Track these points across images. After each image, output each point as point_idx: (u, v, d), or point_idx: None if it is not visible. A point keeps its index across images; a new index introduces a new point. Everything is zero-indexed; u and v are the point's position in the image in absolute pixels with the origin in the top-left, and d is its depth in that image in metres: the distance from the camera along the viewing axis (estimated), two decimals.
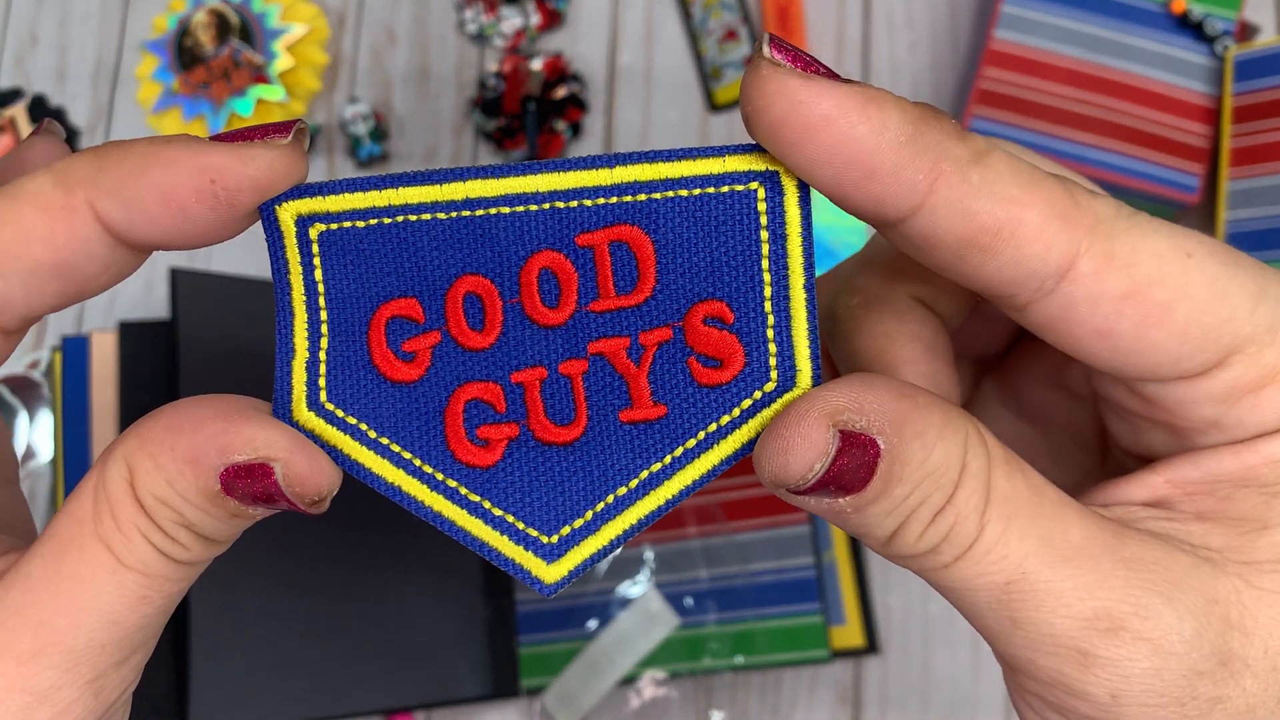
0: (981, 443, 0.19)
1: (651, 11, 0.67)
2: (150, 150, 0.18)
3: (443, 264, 0.19)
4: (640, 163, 0.19)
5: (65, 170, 0.18)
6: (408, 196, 0.19)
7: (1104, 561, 0.19)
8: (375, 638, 0.54)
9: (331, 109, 0.67)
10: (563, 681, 0.56)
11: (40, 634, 0.18)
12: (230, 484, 0.18)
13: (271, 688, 0.52)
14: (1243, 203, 0.55)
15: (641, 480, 0.19)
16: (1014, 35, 0.59)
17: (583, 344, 0.19)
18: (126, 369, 0.56)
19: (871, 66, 0.65)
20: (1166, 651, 0.18)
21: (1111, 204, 0.19)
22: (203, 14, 0.67)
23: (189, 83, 0.66)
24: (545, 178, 0.19)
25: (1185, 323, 0.18)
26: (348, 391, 0.19)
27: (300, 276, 0.19)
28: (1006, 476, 0.19)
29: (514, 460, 0.19)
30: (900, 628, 0.57)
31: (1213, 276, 0.18)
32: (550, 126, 0.64)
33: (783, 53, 0.18)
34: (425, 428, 0.19)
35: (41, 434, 0.63)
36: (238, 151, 0.18)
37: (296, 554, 0.53)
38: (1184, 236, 0.19)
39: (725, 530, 0.57)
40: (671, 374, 0.19)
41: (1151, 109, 0.58)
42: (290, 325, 0.20)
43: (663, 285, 0.19)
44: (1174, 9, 0.58)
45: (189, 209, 0.18)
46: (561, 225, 0.19)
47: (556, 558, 0.19)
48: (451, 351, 0.19)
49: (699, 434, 0.19)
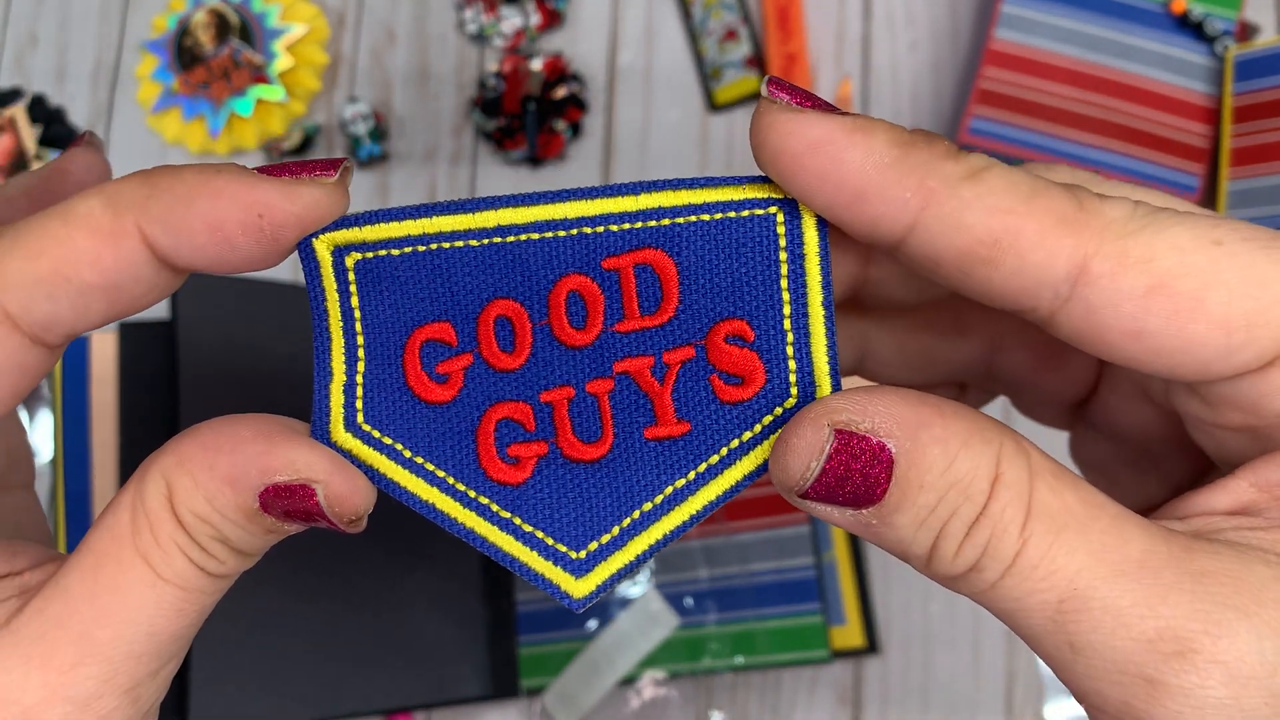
0: (1021, 454, 0.18)
1: (651, 11, 0.67)
2: (200, 180, 0.19)
3: (475, 289, 0.20)
4: (664, 190, 0.20)
5: (116, 194, 0.19)
6: (441, 225, 0.20)
7: (1167, 574, 0.17)
8: (375, 638, 0.54)
9: (331, 109, 0.67)
10: (563, 681, 0.56)
11: (81, 645, 0.19)
12: (269, 502, 0.19)
13: (271, 688, 0.52)
14: (1243, 203, 0.55)
15: (666, 496, 0.20)
16: (1014, 35, 0.59)
17: (609, 364, 0.20)
18: (126, 369, 0.56)
19: (871, 66, 0.65)
20: (1245, 676, 0.17)
21: (1125, 206, 0.18)
22: (202, 14, 0.67)
23: (189, 83, 0.66)
24: (573, 205, 0.20)
25: (1224, 311, 0.18)
26: (384, 413, 0.20)
27: (337, 304, 0.20)
28: (1052, 490, 0.18)
29: (543, 477, 0.20)
30: (900, 628, 0.57)
31: (1248, 261, 0.18)
32: (550, 126, 0.64)
33: (780, 90, 0.19)
34: (458, 446, 0.20)
35: (41, 434, 0.63)
36: (286, 188, 0.19)
37: (297, 554, 0.53)
38: (1212, 226, 0.18)
39: (725, 530, 0.57)
40: (694, 391, 0.20)
41: (1151, 109, 0.58)
42: (328, 350, 0.20)
43: (685, 305, 0.20)
44: (1174, 9, 0.58)
45: (235, 240, 0.19)
46: (588, 250, 0.20)
47: (585, 573, 0.20)
48: (483, 373, 0.20)
49: (722, 450, 0.20)
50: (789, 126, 0.18)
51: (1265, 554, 0.18)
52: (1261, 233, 0.18)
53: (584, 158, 0.65)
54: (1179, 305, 0.18)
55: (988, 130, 0.58)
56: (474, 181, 0.65)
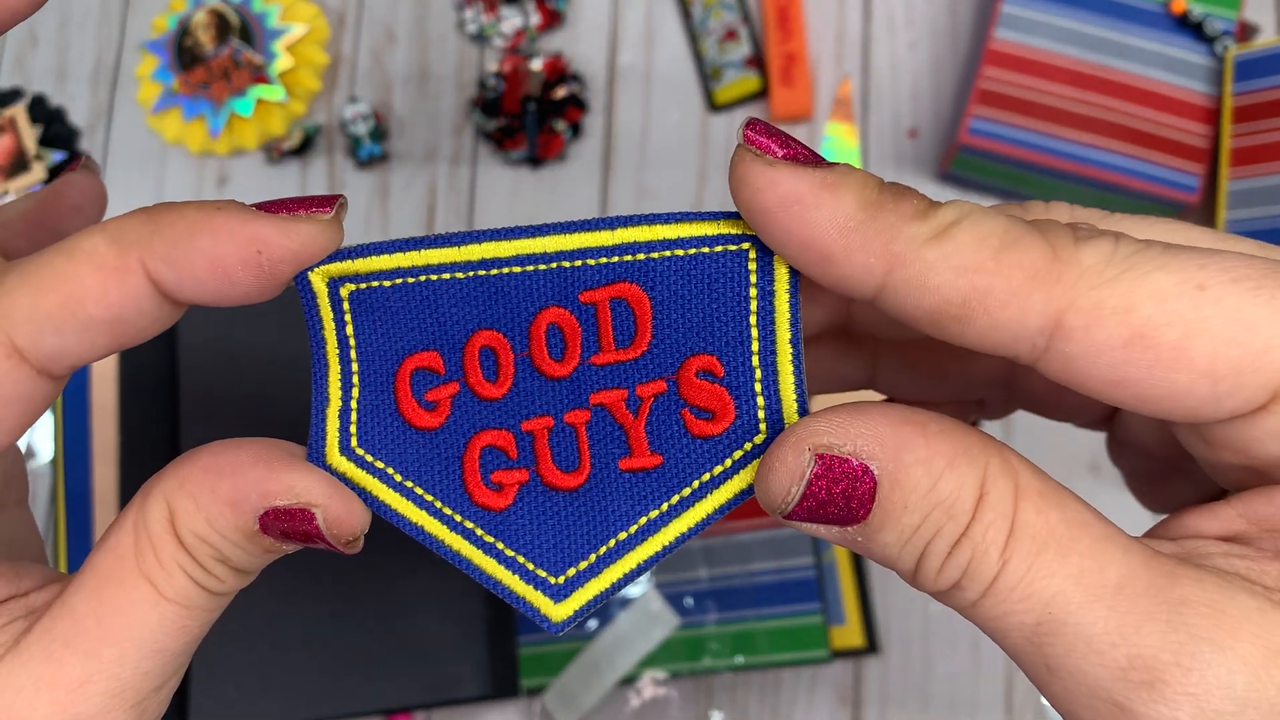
0: (1008, 473, 0.18)
1: (651, 11, 0.67)
2: (201, 217, 0.19)
3: (461, 319, 0.21)
4: (640, 225, 0.20)
5: (120, 231, 0.19)
6: (429, 258, 0.20)
7: (1144, 602, 0.17)
8: (375, 638, 0.54)
9: (331, 109, 0.67)
10: (563, 681, 0.56)
11: (88, 663, 0.20)
12: (269, 524, 0.20)
13: (271, 688, 0.52)
14: (1243, 203, 0.55)
15: (640, 526, 0.20)
16: (1014, 35, 0.59)
17: (585, 395, 0.21)
18: (126, 369, 0.56)
19: (871, 66, 0.65)
20: (1214, 710, 0.17)
21: (1104, 249, 0.18)
22: (203, 14, 0.67)
23: (189, 83, 0.66)
24: (553, 239, 0.20)
25: (1209, 361, 0.17)
26: (377, 437, 0.21)
27: (334, 332, 0.21)
28: (1037, 509, 0.18)
29: (524, 504, 0.21)
30: (900, 628, 0.57)
31: (1234, 305, 0.17)
32: (550, 126, 0.64)
33: (757, 134, 0.19)
34: (446, 472, 0.21)
35: (41, 434, 0.63)
36: (283, 225, 0.20)
37: (298, 555, 0.53)
38: (1198, 267, 0.17)
39: (725, 530, 0.57)
40: (667, 425, 0.20)
41: (1151, 109, 0.58)
42: (325, 376, 0.21)
43: (658, 339, 0.20)
44: (1174, 9, 0.58)
45: (234, 275, 0.19)
46: (567, 283, 0.20)
47: (563, 597, 0.20)
48: (469, 401, 0.21)
49: (694, 483, 0.20)
50: (759, 182, 0.19)
51: (1250, 585, 0.18)
52: (1252, 270, 0.18)
53: (584, 158, 0.65)
54: (1160, 356, 0.17)
55: (988, 130, 0.58)
56: (474, 181, 0.65)
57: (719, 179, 0.64)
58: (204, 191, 0.67)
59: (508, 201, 0.65)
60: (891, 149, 0.64)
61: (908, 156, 0.63)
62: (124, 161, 0.68)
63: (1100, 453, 0.58)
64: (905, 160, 0.63)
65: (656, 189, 0.64)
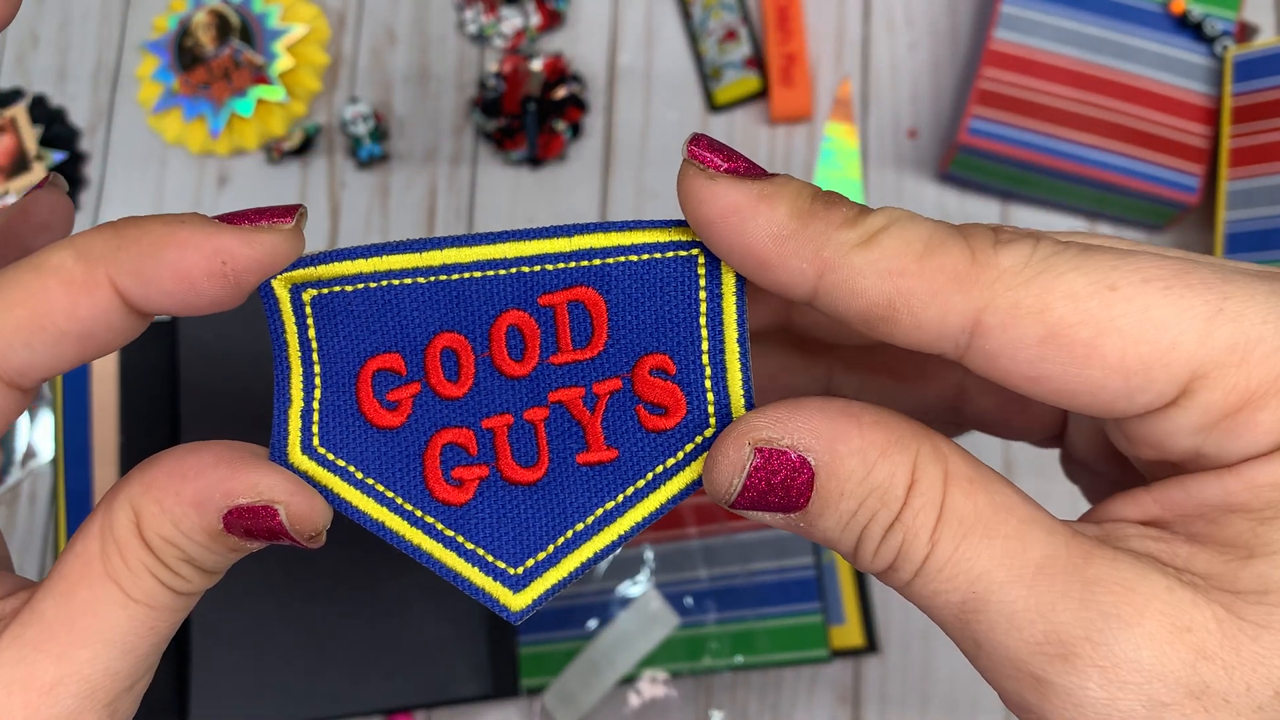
0: (938, 459, 0.19)
1: (651, 12, 0.67)
2: (166, 231, 0.20)
3: (423, 322, 0.21)
4: (596, 232, 0.21)
5: (87, 246, 0.20)
6: (391, 263, 0.21)
7: (1060, 581, 0.18)
8: (375, 638, 0.54)
9: (332, 109, 0.67)
10: (563, 681, 0.56)
11: (60, 666, 0.20)
12: (232, 523, 0.20)
13: (271, 688, 0.53)
14: (1242, 203, 0.55)
15: (597, 517, 0.21)
16: (1014, 35, 0.59)
17: (544, 393, 0.21)
18: (127, 368, 0.57)
19: (871, 66, 0.65)
20: (1120, 680, 0.18)
21: (1023, 250, 0.19)
22: (203, 14, 0.67)
23: (189, 83, 0.67)
24: (513, 246, 0.21)
25: (1120, 358, 0.18)
26: (338, 437, 0.22)
27: (296, 336, 0.21)
28: (965, 494, 0.19)
29: (484, 499, 0.21)
30: (900, 628, 0.57)
31: (1144, 305, 0.18)
32: (550, 126, 0.64)
33: (701, 150, 0.20)
34: (406, 469, 0.21)
35: (42, 434, 0.63)
36: (247, 236, 0.20)
37: (296, 554, 0.53)
38: (1111, 269, 0.18)
39: (725, 530, 0.57)
40: (622, 420, 0.21)
41: (1151, 109, 0.58)
42: (287, 378, 0.22)
43: (614, 340, 0.21)
44: (1173, 9, 0.58)
45: (200, 286, 0.20)
46: (526, 287, 0.21)
47: (522, 587, 0.21)
48: (430, 400, 0.21)
49: (648, 475, 0.21)
50: (702, 195, 0.20)
51: (1162, 565, 0.19)
52: (1163, 270, 0.18)
53: (584, 158, 0.65)
54: (1074, 353, 0.18)
55: (987, 131, 0.58)
56: (474, 181, 0.66)
57: None
58: (205, 191, 0.67)
59: (508, 201, 0.65)
60: (891, 149, 0.64)
61: (907, 157, 0.64)
62: (124, 162, 0.68)
63: None
64: (905, 160, 0.63)
65: (656, 189, 0.64)
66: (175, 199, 0.67)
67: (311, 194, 0.66)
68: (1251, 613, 0.18)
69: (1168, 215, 0.59)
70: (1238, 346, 0.18)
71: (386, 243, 0.21)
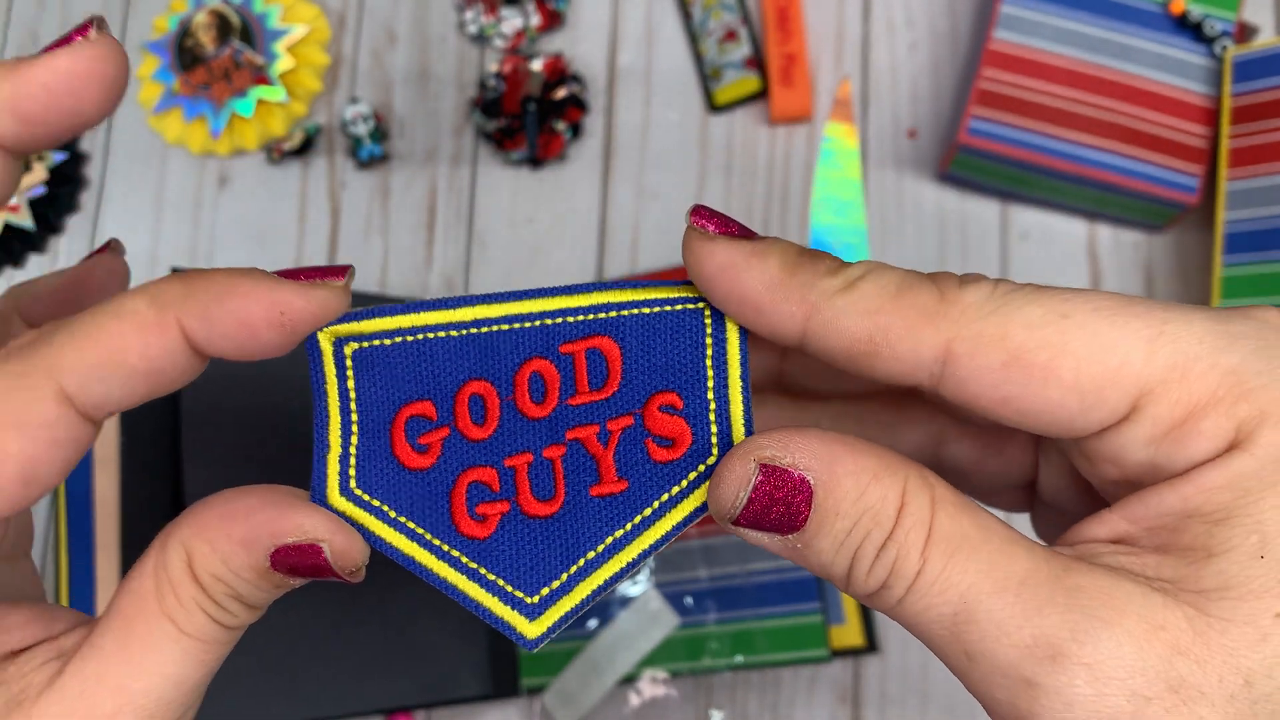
0: (925, 486, 0.21)
1: (651, 12, 0.67)
2: (230, 282, 0.22)
3: (454, 372, 0.23)
4: (612, 289, 0.23)
5: (159, 293, 0.22)
6: (426, 319, 0.23)
7: (1044, 590, 0.20)
8: (375, 638, 0.54)
9: (332, 110, 0.67)
10: (563, 681, 0.56)
11: (118, 697, 0.22)
12: (279, 561, 0.22)
13: (272, 688, 0.53)
14: (1241, 203, 0.55)
15: (607, 545, 0.23)
16: (1013, 36, 0.59)
17: (562, 432, 0.23)
18: None
19: (871, 67, 0.65)
20: (1106, 676, 0.19)
21: (984, 289, 0.21)
22: (203, 15, 0.67)
23: (190, 83, 0.67)
24: (538, 302, 0.23)
25: (1074, 378, 0.20)
26: (374, 479, 0.23)
27: (336, 388, 0.23)
28: (951, 517, 0.21)
29: (505, 532, 0.23)
30: (900, 627, 0.57)
31: (1094, 331, 0.20)
32: (550, 127, 0.64)
33: (700, 218, 0.23)
34: (435, 507, 0.23)
35: None
36: (304, 290, 0.23)
37: None
38: (1063, 300, 0.21)
39: (725, 530, 0.57)
40: (632, 453, 0.23)
41: (1151, 109, 0.58)
42: (326, 426, 0.24)
43: (627, 381, 0.23)
44: (1173, 10, 0.58)
45: (258, 332, 0.22)
46: (549, 338, 0.23)
47: (537, 615, 0.23)
48: (458, 443, 0.23)
49: (654, 503, 0.23)
50: (701, 254, 0.22)
51: (1134, 575, 0.20)
52: (1111, 301, 0.21)
53: (584, 158, 0.65)
54: (1033, 374, 0.20)
55: (987, 131, 0.58)
56: (474, 182, 0.66)
57: (719, 179, 0.64)
58: (205, 191, 0.67)
59: (508, 202, 0.65)
60: (891, 149, 0.64)
61: (907, 157, 0.64)
62: (125, 162, 0.68)
63: None
64: (905, 161, 0.64)
65: (656, 189, 0.64)
66: (175, 199, 0.67)
67: (312, 194, 0.66)
68: (1217, 609, 0.19)
69: (1167, 215, 0.59)
70: (1178, 365, 0.20)
71: (423, 300, 0.23)
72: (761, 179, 0.64)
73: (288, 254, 0.65)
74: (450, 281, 0.64)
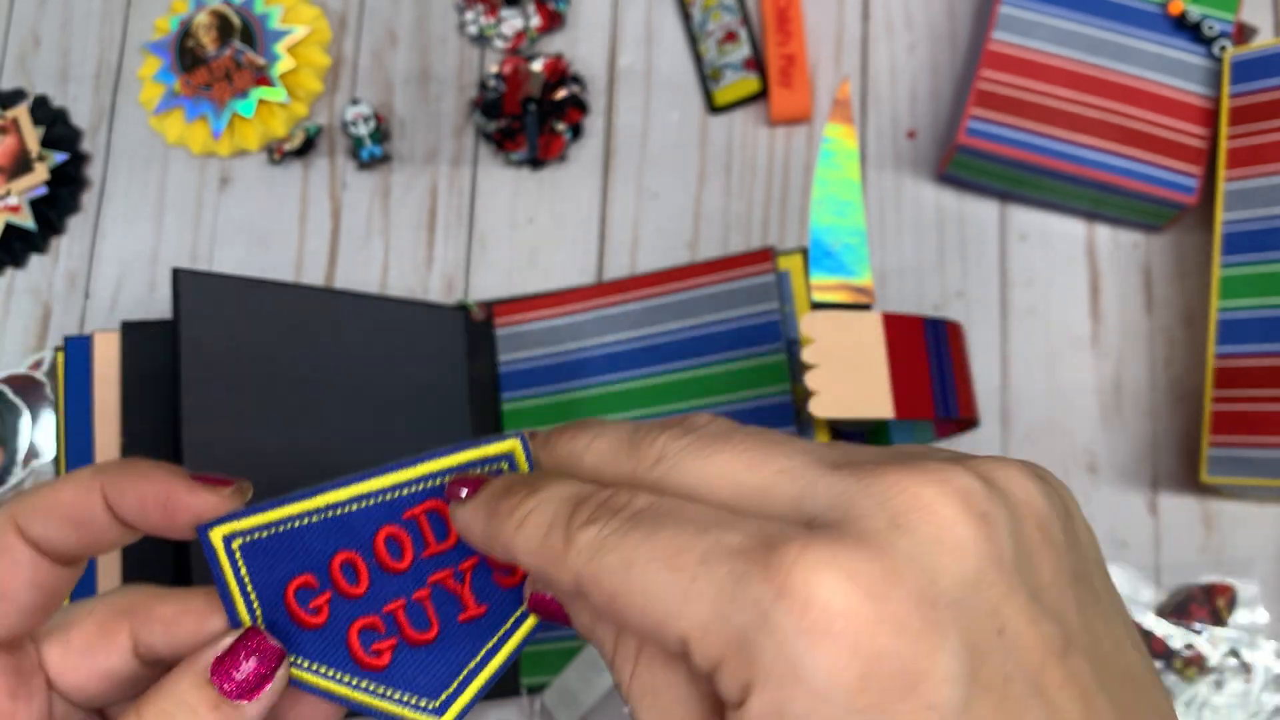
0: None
1: (651, 13, 0.67)
2: (147, 469, 0.28)
3: (323, 548, 0.28)
4: (434, 459, 0.28)
5: (103, 467, 0.28)
6: (290, 510, 0.28)
7: None
8: None
9: (333, 110, 0.67)
10: (563, 680, 0.56)
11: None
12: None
13: None
14: (1240, 203, 0.56)
15: (482, 655, 0.28)
16: (1012, 37, 0.59)
17: (425, 578, 0.28)
18: (129, 369, 0.57)
19: (870, 68, 0.65)
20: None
21: (592, 531, 0.23)
22: (205, 15, 0.67)
23: (190, 84, 0.67)
24: (375, 481, 0.28)
25: (640, 621, 0.22)
26: (281, 639, 0.28)
27: (232, 574, 0.28)
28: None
29: (399, 660, 0.28)
30: None
31: (646, 582, 0.22)
32: (550, 128, 0.65)
33: (462, 486, 0.27)
34: (338, 653, 0.28)
35: (44, 434, 0.63)
36: (191, 489, 0.28)
37: None
38: (635, 548, 0.22)
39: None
40: (485, 583, 0.28)
41: (1149, 110, 0.58)
42: (234, 608, 0.28)
43: None
44: (1171, 10, 0.58)
45: (150, 513, 0.28)
46: (393, 509, 0.28)
47: (444, 711, 0.28)
48: (341, 601, 0.28)
49: (511, 617, 0.28)
50: (464, 521, 0.27)
51: None
52: (676, 547, 0.22)
53: (584, 159, 0.66)
54: (611, 614, 0.23)
55: (986, 132, 0.58)
56: (475, 182, 0.66)
57: (718, 180, 0.64)
58: (206, 192, 0.67)
59: (508, 202, 0.65)
60: (890, 150, 0.64)
61: (906, 158, 0.64)
62: (126, 162, 0.68)
63: (1099, 453, 0.59)
64: (904, 161, 0.64)
65: (656, 190, 0.65)
66: (177, 200, 0.67)
67: (313, 194, 0.66)
68: None
69: (1166, 216, 0.59)
70: (700, 623, 0.21)
71: (285, 496, 0.28)
72: (761, 179, 0.64)
73: (288, 254, 0.66)
74: (450, 282, 0.64)
